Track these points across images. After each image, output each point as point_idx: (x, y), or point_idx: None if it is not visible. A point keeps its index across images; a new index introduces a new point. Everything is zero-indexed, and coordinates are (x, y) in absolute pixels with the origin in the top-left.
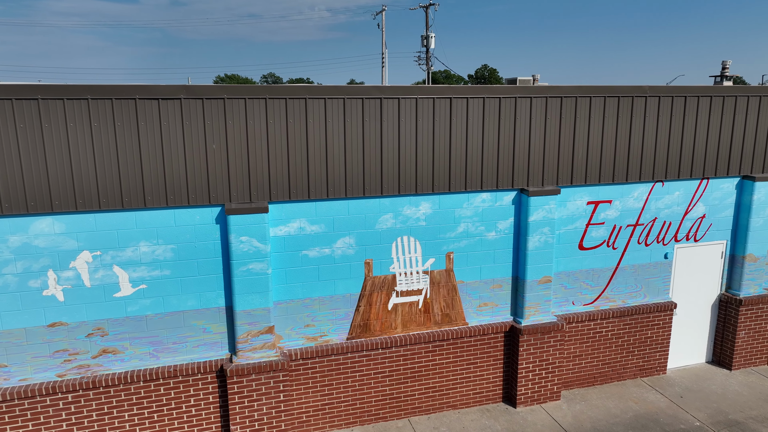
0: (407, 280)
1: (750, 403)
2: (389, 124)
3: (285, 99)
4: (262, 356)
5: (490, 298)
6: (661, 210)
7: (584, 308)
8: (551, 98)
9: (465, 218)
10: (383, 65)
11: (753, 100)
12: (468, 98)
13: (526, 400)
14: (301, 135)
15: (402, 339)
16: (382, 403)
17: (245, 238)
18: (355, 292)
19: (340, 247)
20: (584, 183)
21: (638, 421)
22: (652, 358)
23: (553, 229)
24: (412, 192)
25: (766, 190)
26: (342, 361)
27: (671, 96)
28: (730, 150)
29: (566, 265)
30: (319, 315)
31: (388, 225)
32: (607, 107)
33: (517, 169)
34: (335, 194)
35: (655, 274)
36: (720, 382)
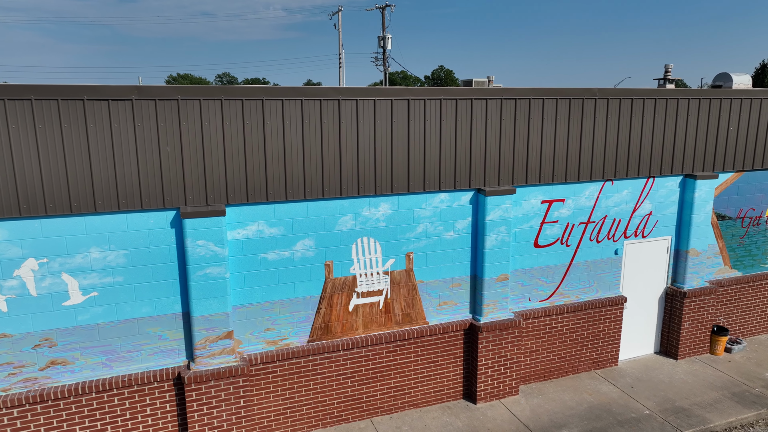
0: (368, 281)
1: (694, 390)
2: (348, 125)
3: (241, 100)
4: (221, 362)
5: (449, 296)
6: (611, 208)
7: (540, 304)
8: (506, 100)
9: (424, 218)
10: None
11: (693, 102)
12: (425, 100)
13: (485, 396)
14: (259, 136)
15: (363, 340)
16: (344, 404)
17: (202, 242)
18: (316, 294)
19: (299, 250)
20: (538, 183)
21: (592, 412)
22: (604, 351)
23: (509, 228)
24: (372, 193)
25: (707, 188)
26: (303, 364)
27: (619, 98)
28: (673, 150)
29: (522, 262)
30: (279, 318)
31: (347, 226)
32: (559, 109)
33: (474, 169)
34: (294, 196)
35: (607, 269)
36: (667, 372)
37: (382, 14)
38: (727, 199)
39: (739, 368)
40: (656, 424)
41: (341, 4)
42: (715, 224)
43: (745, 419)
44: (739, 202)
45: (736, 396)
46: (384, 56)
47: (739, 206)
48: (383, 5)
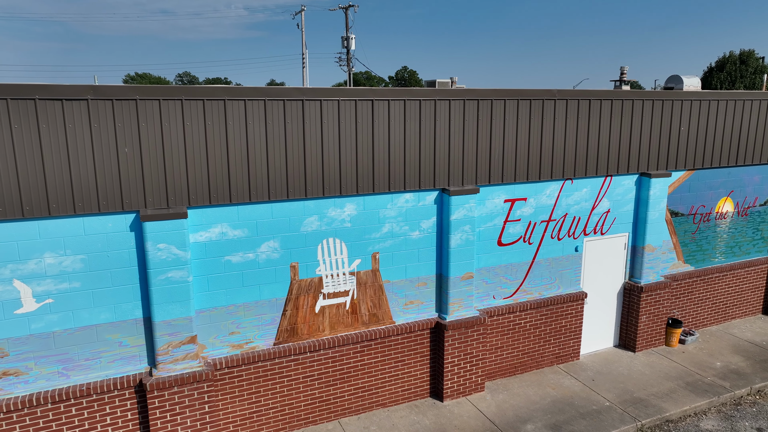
0: (334, 282)
1: (651, 381)
2: (312, 126)
3: (203, 100)
4: (184, 367)
5: (415, 296)
6: (571, 206)
7: (504, 301)
8: (468, 101)
9: (389, 218)
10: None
11: (647, 103)
12: (389, 100)
13: (452, 394)
14: (221, 137)
15: (330, 341)
16: (311, 406)
17: (163, 245)
18: (281, 296)
19: (264, 251)
20: (501, 182)
21: (556, 405)
22: (566, 346)
23: (473, 227)
24: (337, 194)
25: (661, 186)
26: (269, 367)
27: (577, 99)
28: (629, 149)
29: (486, 261)
30: (244, 322)
31: (313, 227)
32: (520, 109)
33: (439, 169)
34: (258, 197)
35: (568, 266)
36: (626, 364)
37: (346, 15)
38: (679, 197)
39: (692, 359)
40: (616, 415)
41: (304, 4)
42: (669, 221)
43: (698, 407)
44: (690, 199)
45: (690, 385)
46: (348, 56)
47: (690, 203)
48: (346, 5)
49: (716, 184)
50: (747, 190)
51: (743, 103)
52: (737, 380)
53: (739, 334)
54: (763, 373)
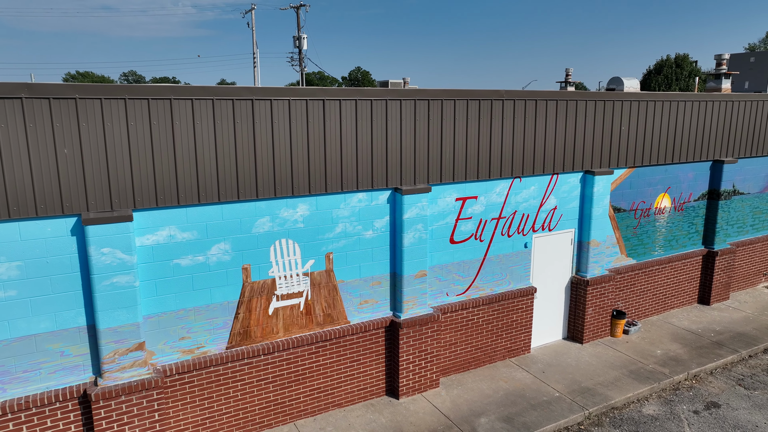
0: (287, 283)
1: (598, 371)
2: (262, 125)
3: (147, 99)
4: (132, 375)
5: (370, 295)
6: (520, 203)
7: (457, 298)
8: (420, 101)
9: (343, 218)
10: (255, 65)
11: (590, 103)
12: (340, 100)
13: (408, 391)
14: (167, 138)
15: (284, 343)
16: (266, 410)
17: (107, 249)
18: (234, 299)
19: (215, 254)
20: (452, 181)
21: (508, 398)
22: (518, 340)
23: (426, 226)
24: (289, 194)
25: (604, 183)
26: (222, 371)
27: (524, 99)
28: (574, 148)
29: (439, 258)
30: (195, 326)
31: (265, 228)
32: (470, 109)
33: (391, 168)
34: (207, 199)
35: (518, 262)
36: (574, 356)
37: (297, 14)
38: (621, 193)
39: (635, 348)
40: (565, 405)
41: (254, 3)
42: (612, 216)
43: (640, 394)
44: (631, 195)
45: (633, 373)
46: (300, 56)
47: (632, 199)
48: (298, 5)
49: (655, 181)
50: (683, 186)
51: (678, 104)
52: (676, 366)
53: (677, 322)
54: (699, 359)
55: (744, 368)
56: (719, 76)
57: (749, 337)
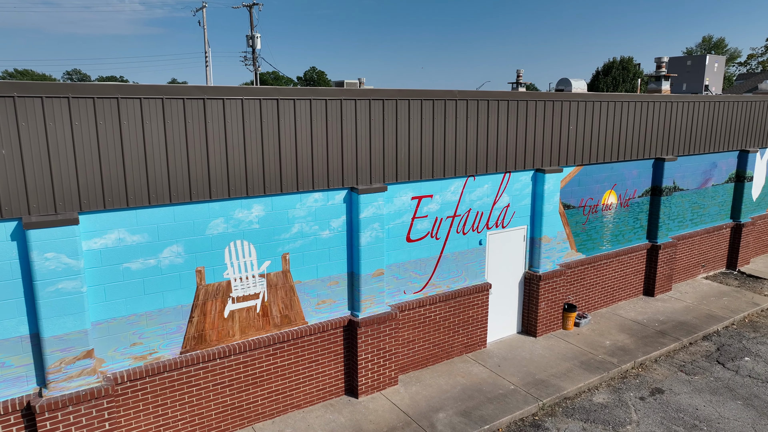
0: (243, 285)
1: (551, 363)
2: (215, 125)
3: (93, 98)
4: (80, 384)
5: (328, 295)
6: (474, 201)
7: (414, 296)
8: (374, 101)
9: (299, 218)
10: (207, 65)
11: (540, 104)
12: (295, 100)
13: (367, 390)
14: (115, 138)
15: (240, 346)
16: (223, 414)
17: (51, 254)
18: (187, 302)
19: (167, 257)
20: (408, 180)
21: (465, 392)
22: (474, 335)
23: (382, 225)
24: (243, 195)
25: (554, 181)
26: (176, 377)
27: (477, 100)
28: (525, 147)
29: (396, 257)
30: (147, 331)
31: (219, 230)
32: (424, 109)
33: (347, 168)
34: (158, 201)
35: (473, 259)
36: (528, 349)
37: (250, 13)
38: (570, 191)
39: (585, 339)
40: (520, 397)
41: (205, 1)
42: (562, 213)
43: (591, 383)
44: (580, 192)
45: (584, 364)
46: (254, 56)
47: (580, 196)
48: (250, 4)
49: (602, 178)
50: (627, 183)
51: (622, 104)
52: (623, 356)
53: (625, 314)
54: (644, 348)
55: (685, 355)
56: (659, 78)
57: (690, 325)
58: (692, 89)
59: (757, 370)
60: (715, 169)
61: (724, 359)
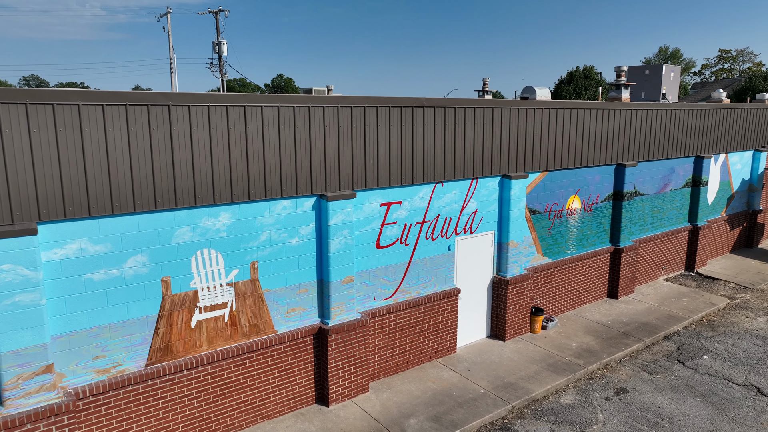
0: (210, 295)
1: (520, 366)
2: (180, 133)
3: (52, 105)
4: (39, 401)
5: (297, 303)
6: (443, 207)
7: (385, 302)
8: (342, 108)
9: (267, 226)
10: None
11: (506, 111)
12: (262, 107)
13: (338, 398)
14: (76, 146)
15: (208, 356)
16: (191, 427)
17: (8, 266)
18: (153, 313)
19: (131, 267)
20: (377, 186)
21: (436, 398)
22: (444, 340)
23: (352, 231)
24: (210, 203)
25: (520, 187)
26: (141, 390)
27: (444, 107)
28: (491, 153)
29: (366, 263)
30: (110, 344)
31: (185, 239)
32: (392, 117)
33: (315, 175)
34: (122, 209)
35: (442, 264)
36: (497, 353)
37: (216, 19)
38: (536, 196)
39: (553, 342)
40: (490, 400)
41: (170, 6)
42: (529, 218)
43: (558, 385)
44: (545, 198)
45: (551, 366)
46: (220, 62)
47: (545, 201)
48: (216, 10)
49: (566, 184)
50: (590, 188)
51: (584, 111)
52: (589, 357)
53: (590, 316)
54: (609, 349)
55: (648, 355)
56: (619, 86)
57: (652, 326)
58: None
59: (714, 368)
60: (673, 174)
61: (684, 358)
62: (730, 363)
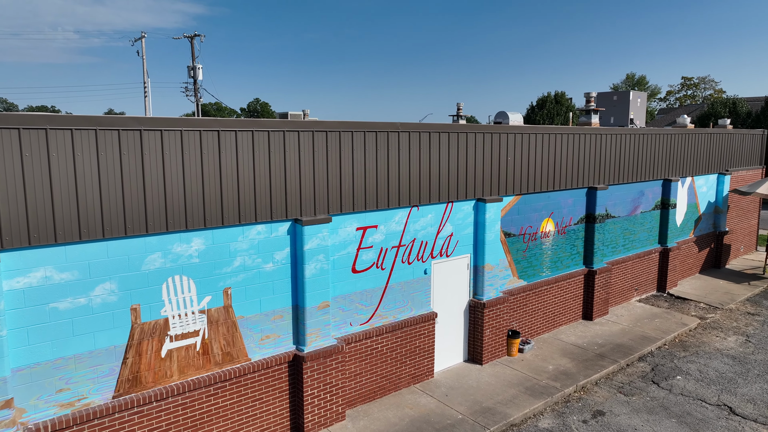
0: (182, 323)
1: (497, 390)
2: (152, 157)
3: (18, 129)
4: None
5: (272, 329)
6: (419, 231)
7: (361, 327)
8: (318, 132)
9: (241, 251)
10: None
11: (480, 136)
12: (236, 131)
13: (313, 427)
14: (42, 171)
15: (179, 387)
16: None
17: None
18: (121, 343)
19: (99, 295)
20: (353, 210)
21: (414, 424)
22: (421, 365)
23: (327, 256)
24: (182, 228)
25: (495, 210)
26: (107, 424)
27: (419, 132)
28: (466, 177)
29: (342, 288)
30: (75, 376)
31: (156, 265)
32: (367, 141)
33: (290, 199)
34: (90, 235)
35: (418, 288)
36: (475, 377)
37: (191, 44)
38: (511, 219)
39: (530, 365)
40: (468, 426)
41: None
42: (504, 241)
43: (536, 409)
44: (520, 221)
45: (529, 390)
46: (195, 87)
47: (520, 224)
48: (192, 35)
49: (540, 207)
50: (564, 211)
51: (556, 136)
52: (566, 380)
53: (566, 338)
54: (585, 371)
55: (623, 376)
56: (589, 112)
57: (626, 347)
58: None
59: (688, 388)
60: (643, 197)
61: (659, 379)
62: (702, 383)
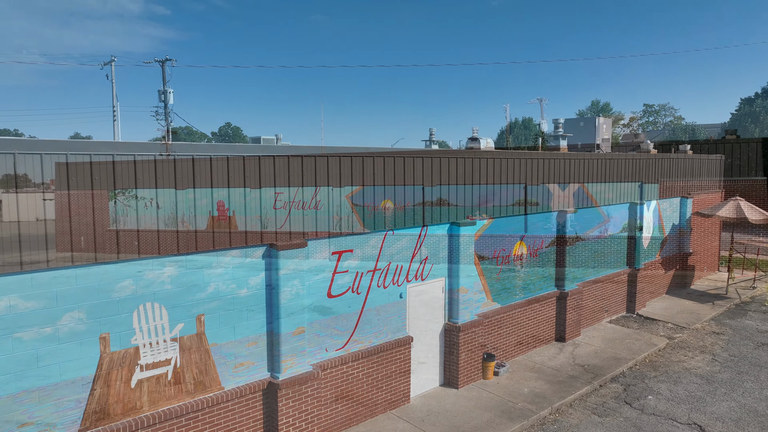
0: (153, 351)
1: (474, 414)
2: (124, 182)
3: None
4: None
5: (246, 356)
6: (394, 255)
7: (337, 353)
8: (293, 157)
9: (215, 277)
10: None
11: (453, 160)
12: (211, 157)
13: None
14: (9, 198)
15: (149, 418)
16: None
17: None
18: (89, 373)
19: (66, 323)
20: (328, 235)
21: None
22: (398, 390)
23: (303, 281)
24: (155, 254)
25: (468, 234)
26: None
27: (393, 156)
28: (440, 201)
29: (318, 313)
30: (39, 409)
31: (127, 292)
32: (342, 166)
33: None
34: (58, 262)
35: (394, 312)
36: (451, 401)
37: (163, 69)
38: (484, 243)
39: (505, 388)
40: None
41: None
42: (478, 264)
43: None
44: (493, 244)
45: (505, 413)
46: (166, 111)
47: (493, 248)
48: (163, 59)
49: (512, 230)
50: (535, 234)
51: (527, 160)
52: (541, 402)
53: (540, 360)
54: (560, 393)
55: (596, 397)
56: (557, 137)
57: (598, 368)
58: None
59: (659, 408)
60: (611, 220)
61: (631, 399)
62: (673, 402)
